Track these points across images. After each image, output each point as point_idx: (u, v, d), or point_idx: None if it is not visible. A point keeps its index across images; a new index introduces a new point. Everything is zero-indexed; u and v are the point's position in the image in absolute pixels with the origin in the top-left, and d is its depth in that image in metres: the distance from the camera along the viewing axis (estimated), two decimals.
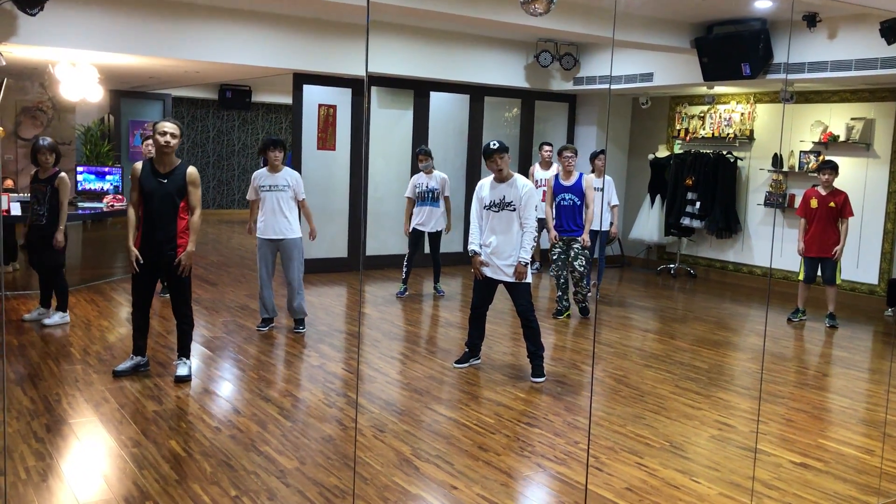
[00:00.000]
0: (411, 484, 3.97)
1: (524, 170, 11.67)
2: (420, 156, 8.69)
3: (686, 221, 10.86)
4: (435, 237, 8.74)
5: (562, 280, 7.83)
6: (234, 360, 6.11)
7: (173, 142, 5.29)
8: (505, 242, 5.69)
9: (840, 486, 4.16)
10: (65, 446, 4.29)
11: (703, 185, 10.65)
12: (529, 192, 5.69)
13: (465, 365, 6.08)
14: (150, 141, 7.51)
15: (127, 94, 14.74)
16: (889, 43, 7.14)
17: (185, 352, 5.59)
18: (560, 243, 7.67)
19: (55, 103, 11.27)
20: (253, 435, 4.58)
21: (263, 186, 6.80)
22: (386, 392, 5.46)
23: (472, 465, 4.22)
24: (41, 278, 6.99)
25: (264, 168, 6.88)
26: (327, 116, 10.21)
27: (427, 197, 8.61)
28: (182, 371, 5.52)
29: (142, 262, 5.34)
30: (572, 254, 7.63)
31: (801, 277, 8.28)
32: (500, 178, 5.74)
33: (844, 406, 5.58)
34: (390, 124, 10.79)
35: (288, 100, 13.83)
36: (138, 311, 5.54)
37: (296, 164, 10.12)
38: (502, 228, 5.68)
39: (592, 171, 8.57)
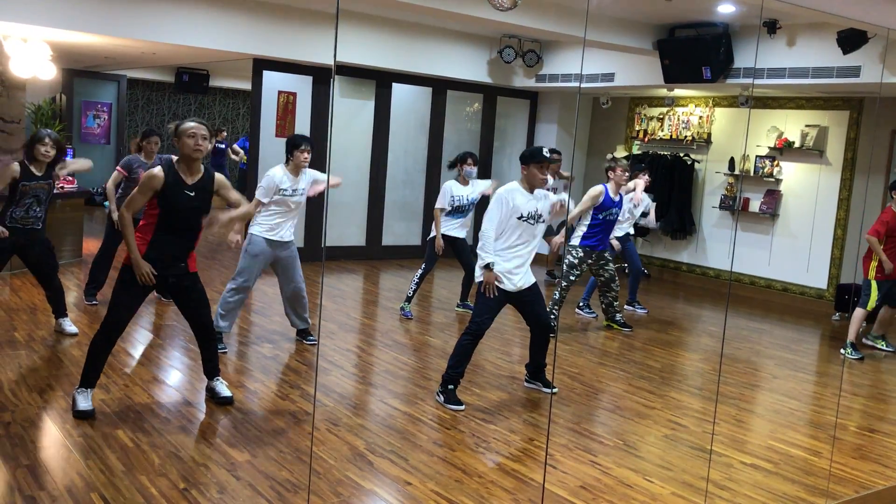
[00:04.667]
0: (365, 479, 3.92)
1: (487, 166, 11.67)
2: (469, 160, 7.38)
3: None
4: (463, 243, 7.56)
5: (565, 293, 7.27)
6: (185, 349, 5.99)
7: (206, 147, 4.47)
8: (530, 253, 5.16)
9: (789, 487, 4.22)
10: (5, 435, 4.14)
11: (659, 187, 10.74)
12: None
13: (463, 407, 5.10)
14: (153, 139, 7.12)
15: (80, 73, 14.36)
16: (845, 52, 7.28)
17: (217, 369, 4.94)
18: (583, 255, 7.14)
19: (4, 80, 10.92)
20: (203, 426, 4.48)
21: (286, 190, 5.90)
22: (341, 385, 5.40)
23: (427, 461, 4.18)
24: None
25: (281, 167, 5.94)
26: (287, 104, 10.06)
27: (464, 211, 7.43)
28: (226, 390, 4.89)
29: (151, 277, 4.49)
30: (599, 263, 7.27)
31: (871, 306, 7.19)
32: (535, 188, 5.16)
33: (793, 408, 5.68)
34: (351, 114, 10.68)
35: (247, 85, 13.60)
36: (116, 335, 4.54)
37: (253, 151, 9.97)
38: (531, 239, 5.14)
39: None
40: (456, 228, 7.47)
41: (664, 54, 8.86)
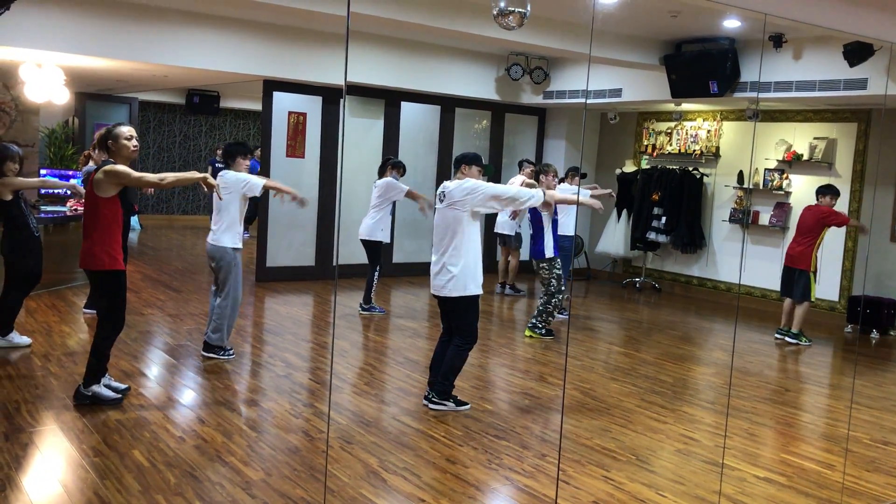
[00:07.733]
0: (378, 496, 3.94)
1: (497, 181, 11.69)
2: (402, 169, 8.39)
3: (652, 236, 10.97)
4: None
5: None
6: (199, 369, 6.03)
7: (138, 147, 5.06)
8: None
9: (803, 500, 4.21)
10: (24, 456, 4.20)
11: (669, 201, 10.77)
12: None
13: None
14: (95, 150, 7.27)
15: (93, 96, 14.54)
16: (851, 65, 7.30)
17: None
18: (559, 260, 7.59)
19: (18, 104, 11.08)
20: (218, 445, 4.52)
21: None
22: (353, 402, 5.43)
23: (440, 478, 4.20)
24: (22, 296, 6.40)
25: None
26: (297, 124, 10.16)
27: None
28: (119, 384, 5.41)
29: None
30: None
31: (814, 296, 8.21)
32: None
33: (806, 421, 5.67)
34: (361, 133, 10.77)
35: (257, 106, 13.72)
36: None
37: (264, 171, 10.03)
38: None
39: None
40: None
41: (671, 69, 8.90)
